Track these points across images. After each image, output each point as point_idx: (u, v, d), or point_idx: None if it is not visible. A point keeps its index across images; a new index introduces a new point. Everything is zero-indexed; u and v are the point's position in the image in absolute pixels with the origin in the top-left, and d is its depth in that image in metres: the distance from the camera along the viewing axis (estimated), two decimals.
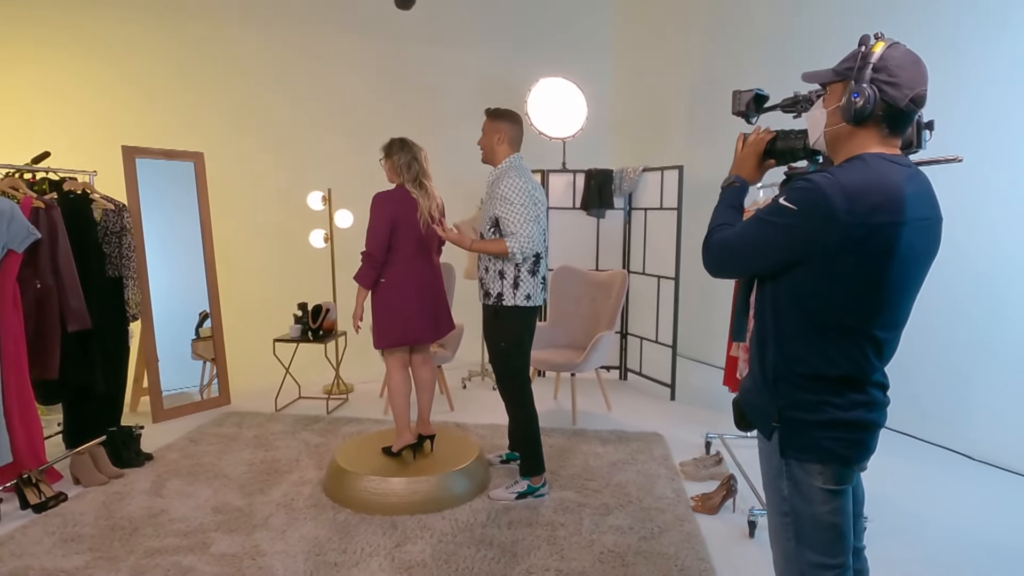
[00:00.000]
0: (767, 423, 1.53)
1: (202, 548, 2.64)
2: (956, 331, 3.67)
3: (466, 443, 3.45)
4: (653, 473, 3.42)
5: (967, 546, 2.74)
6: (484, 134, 3.10)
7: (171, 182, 4.47)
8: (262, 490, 3.19)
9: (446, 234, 2.94)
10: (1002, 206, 3.50)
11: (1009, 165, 3.44)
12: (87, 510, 2.96)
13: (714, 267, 1.59)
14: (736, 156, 1.75)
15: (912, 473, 3.45)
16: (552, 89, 5.22)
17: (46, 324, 3.26)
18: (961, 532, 2.86)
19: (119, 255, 3.74)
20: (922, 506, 3.08)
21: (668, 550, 2.66)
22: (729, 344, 3.56)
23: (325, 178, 5.15)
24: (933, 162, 1.64)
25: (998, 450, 3.55)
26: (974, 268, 3.58)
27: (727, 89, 6.31)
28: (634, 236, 5.19)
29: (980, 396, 3.63)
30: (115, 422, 3.72)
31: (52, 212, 3.26)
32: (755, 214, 1.50)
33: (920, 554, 2.66)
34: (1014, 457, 3.48)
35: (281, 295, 5.47)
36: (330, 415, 4.37)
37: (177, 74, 5.48)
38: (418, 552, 2.63)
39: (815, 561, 1.50)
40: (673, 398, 4.78)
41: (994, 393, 3.57)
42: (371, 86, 5.93)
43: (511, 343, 3.06)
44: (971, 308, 3.61)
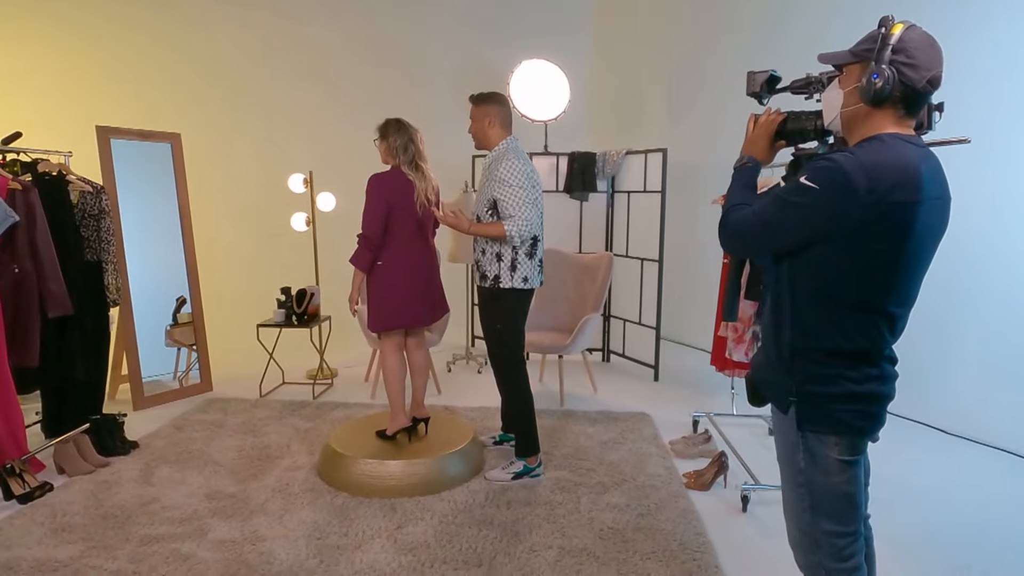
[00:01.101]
0: (783, 398, 1.57)
1: (199, 535, 2.61)
2: (937, 309, 3.79)
3: (459, 426, 3.46)
4: (644, 452, 3.48)
5: (947, 516, 2.86)
6: (473, 121, 3.08)
7: (147, 164, 4.34)
8: (255, 476, 3.16)
9: (444, 217, 2.92)
10: (979, 184, 3.61)
11: (1005, 147, 3.53)
12: (75, 500, 2.90)
13: (732, 246, 1.61)
14: (747, 136, 1.77)
15: (895, 448, 3.57)
16: (534, 71, 5.20)
17: (25, 310, 3.16)
18: (943, 504, 2.98)
19: (97, 239, 3.63)
20: (912, 479, 3.20)
21: (666, 526, 2.71)
22: (717, 324, 3.62)
23: (306, 160, 5.06)
24: (942, 143, 1.68)
25: (974, 425, 3.70)
26: (955, 248, 3.69)
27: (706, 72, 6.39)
28: (617, 219, 5.22)
29: (956, 373, 3.77)
30: (97, 410, 3.64)
31: (29, 194, 3.15)
32: (774, 193, 1.53)
33: (907, 522, 2.76)
34: (988, 432, 3.63)
35: (261, 279, 5.39)
36: (316, 400, 4.34)
37: (153, 53, 5.32)
38: (420, 533, 2.64)
39: (829, 529, 1.55)
40: (657, 379, 4.86)
41: (970, 370, 3.71)
42: (351, 68, 5.83)
43: (507, 325, 3.06)
44: (954, 287, 3.74)
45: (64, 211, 3.45)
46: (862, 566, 1.57)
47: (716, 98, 5.47)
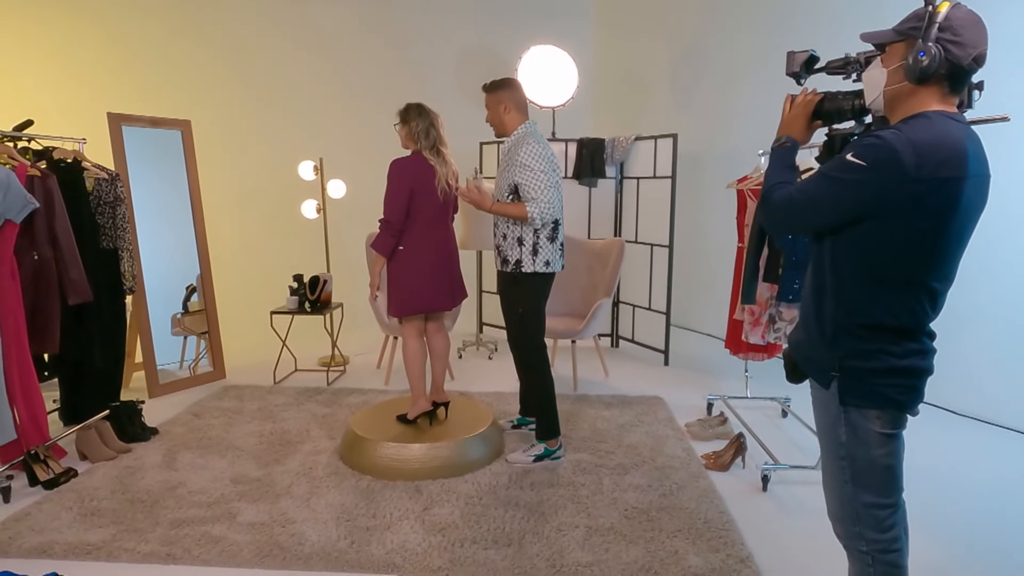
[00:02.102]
0: (825, 373, 1.59)
1: (229, 518, 2.63)
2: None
3: (478, 410, 3.49)
4: (661, 434, 3.51)
5: (955, 491, 2.91)
6: (489, 109, 3.09)
7: (157, 151, 4.32)
8: (277, 460, 3.18)
9: (468, 193, 2.93)
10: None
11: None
12: (101, 485, 2.91)
13: (776, 224, 1.63)
14: (784, 117, 1.79)
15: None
16: (542, 57, 5.19)
17: (45, 297, 3.16)
18: (952, 480, 3.03)
19: (113, 226, 3.62)
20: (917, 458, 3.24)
21: (689, 505, 2.75)
22: (732, 308, 3.65)
23: (316, 147, 5.05)
24: (982, 121, 1.70)
25: (984, 406, 3.75)
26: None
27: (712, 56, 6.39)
28: (626, 205, 5.24)
29: (966, 354, 3.81)
30: (114, 397, 3.65)
31: (48, 181, 3.13)
32: (819, 170, 1.55)
33: (917, 500, 2.81)
34: (997, 413, 3.68)
35: (269, 267, 5.40)
36: (331, 387, 4.35)
37: (164, 40, 5.30)
38: (447, 514, 2.66)
39: (870, 501, 1.58)
40: (667, 364, 4.89)
41: (980, 351, 3.75)
42: (358, 54, 5.81)
43: (528, 309, 3.08)
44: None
45: (80, 198, 3.44)
46: (901, 537, 1.61)
47: (722, 83, 5.48)
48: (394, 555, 2.37)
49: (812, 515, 2.69)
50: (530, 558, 2.36)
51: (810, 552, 2.43)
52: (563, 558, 2.36)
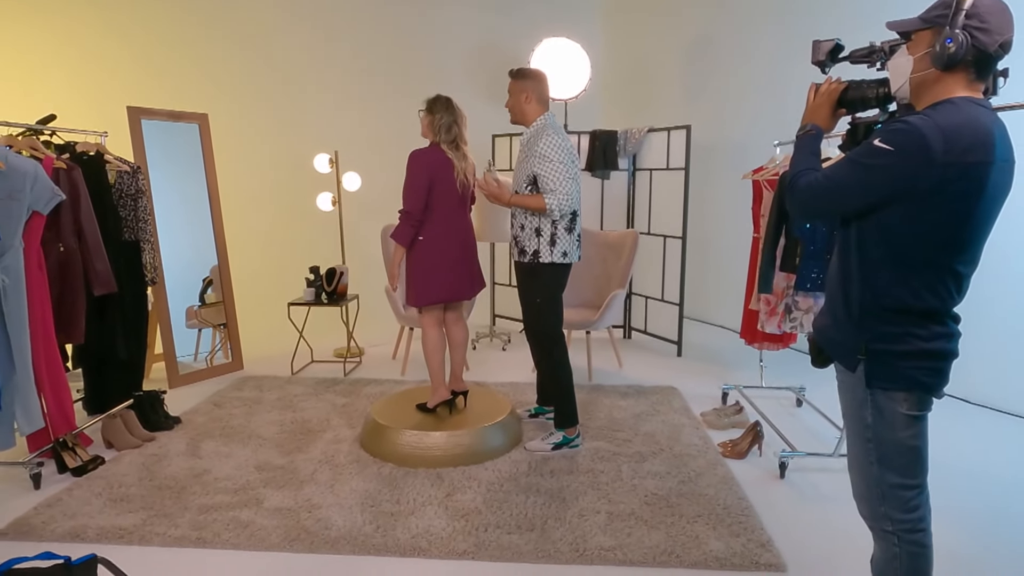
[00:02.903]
0: (851, 357, 1.62)
1: (255, 503, 2.68)
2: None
3: (496, 399, 3.52)
4: (677, 423, 3.55)
5: (976, 482, 2.94)
6: (511, 95, 3.12)
7: (175, 144, 4.36)
8: (299, 448, 3.22)
9: (487, 186, 2.96)
10: None
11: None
12: (128, 472, 2.96)
13: (802, 210, 1.66)
14: (808, 105, 1.81)
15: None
16: (555, 49, 5.20)
17: (71, 288, 3.20)
18: (973, 471, 3.05)
19: (135, 218, 3.67)
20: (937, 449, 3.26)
21: (708, 491, 2.78)
22: (748, 298, 3.67)
23: (332, 140, 5.09)
24: (1008, 108, 1.72)
25: (1005, 397, 3.76)
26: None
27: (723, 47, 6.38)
28: (638, 197, 5.26)
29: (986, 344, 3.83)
30: (137, 387, 3.70)
31: (73, 173, 3.18)
32: (846, 156, 1.57)
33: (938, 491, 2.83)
34: (1019, 403, 3.70)
35: (285, 259, 5.45)
36: (348, 377, 4.40)
37: (180, 34, 5.34)
38: (469, 500, 2.71)
39: (896, 482, 1.61)
40: (680, 354, 4.92)
41: (1001, 341, 3.77)
42: (374, 48, 5.83)
43: (546, 299, 3.12)
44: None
45: (103, 191, 3.48)
46: (927, 517, 1.64)
47: (734, 73, 5.48)
48: (419, 539, 2.42)
49: (831, 501, 2.72)
50: (553, 542, 2.40)
51: (830, 537, 2.46)
52: (586, 542, 2.39)
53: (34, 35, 5.10)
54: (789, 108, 4.79)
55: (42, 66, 5.13)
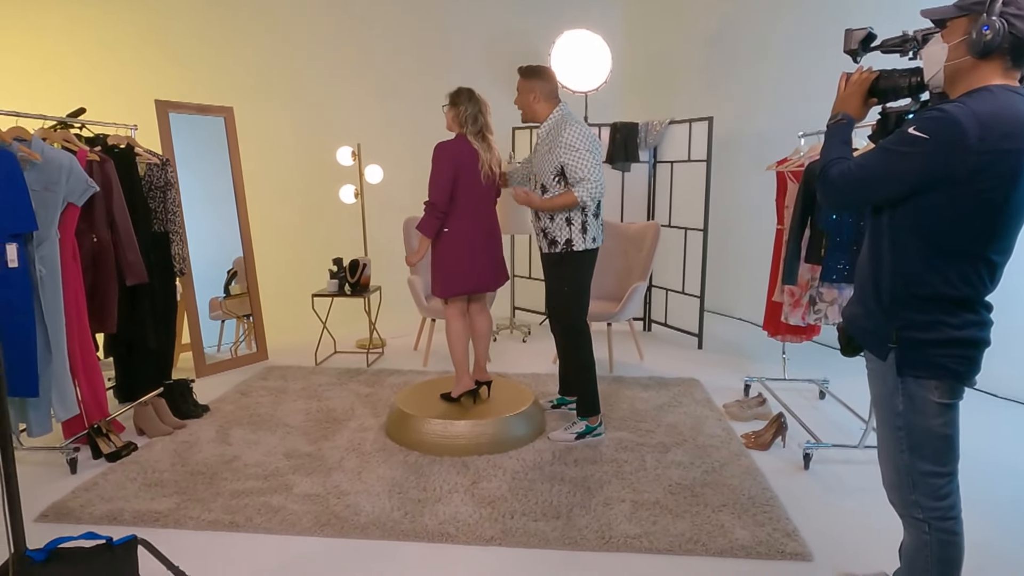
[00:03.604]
0: (882, 345, 1.63)
1: (285, 489, 2.73)
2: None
3: (519, 390, 3.55)
4: (700, 415, 3.55)
5: (1004, 475, 2.92)
6: (519, 93, 3.14)
7: (201, 137, 4.42)
8: (326, 436, 3.28)
9: (517, 196, 2.99)
10: None
11: None
12: (161, 458, 3.03)
13: (835, 199, 1.66)
14: (839, 95, 1.81)
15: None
16: (575, 41, 5.20)
17: (104, 278, 3.27)
18: (1000, 464, 3.03)
19: (164, 210, 3.73)
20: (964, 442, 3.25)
21: (732, 482, 2.80)
22: (771, 290, 3.67)
23: (354, 133, 5.13)
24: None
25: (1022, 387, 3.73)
26: None
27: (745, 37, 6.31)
28: (659, 189, 5.25)
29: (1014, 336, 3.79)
30: (166, 376, 3.77)
31: (106, 165, 3.25)
32: (879, 145, 1.57)
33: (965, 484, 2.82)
34: None
35: (307, 251, 5.51)
36: (371, 368, 4.45)
37: (204, 28, 5.41)
38: (495, 488, 2.74)
39: (927, 470, 1.62)
40: (700, 347, 4.92)
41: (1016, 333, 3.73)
42: (395, 41, 5.85)
43: (574, 288, 3.14)
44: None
45: (133, 183, 3.55)
46: (958, 505, 1.64)
47: (757, 64, 5.44)
48: (447, 525, 2.45)
49: (856, 493, 2.72)
50: (579, 530, 2.42)
51: (856, 527, 2.47)
52: (612, 530, 2.42)
53: (62, 30, 5.18)
54: (813, 98, 4.76)
55: (70, 61, 5.22)
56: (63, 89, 5.06)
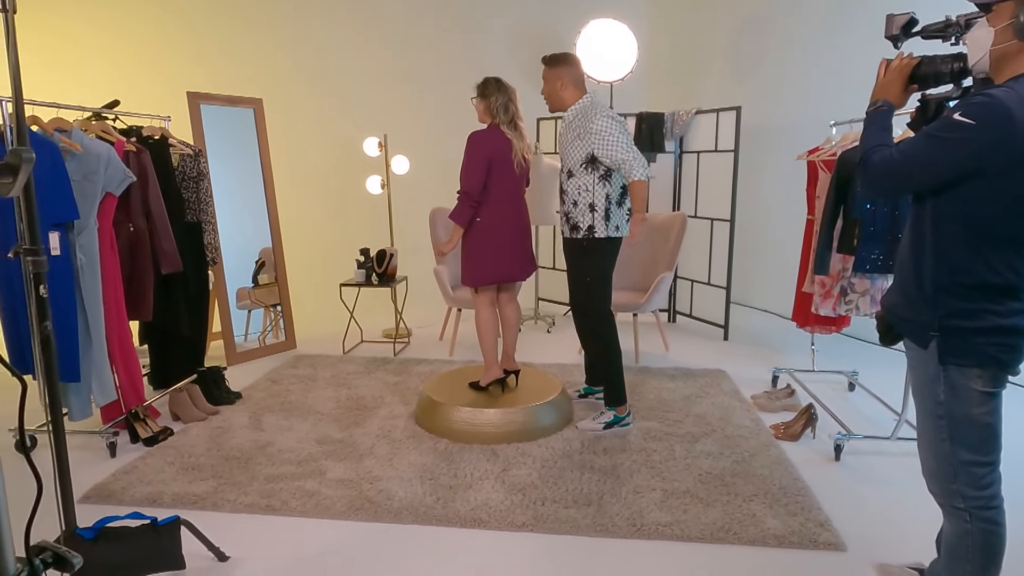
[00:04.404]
0: (924, 333, 1.62)
1: (319, 474, 2.78)
2: None
3: (547, 379, 3.57)
4: (728, 405, 3.55)
5: None
6: (546, 82, 3.14)
7: (230, 129, 4.48)
8: (357, 423, 3.32)
9: (629, 240, 3.04)
10: None
11: None
12: (196, 443, 3.10)
13: (876, 186, 1.65)
14: (879, 81, 1.79)
15: None
16: (601, 31, 5.17)
17: (140, 267, 3.34)
18: None
19: (197, 200, 3.79)
20: None
21: (762, 472, 2.79)
22: (800, 281, 3.64)
23: (381, 124, 5.16)
24: None
25: None
26: None
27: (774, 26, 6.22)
28: (685, 179, 5.22)
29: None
30: (199, 363, 3.84)
31: (142, 156, 3.30)
32: (923, 131, 1.56)
33: None
34: None
35: (332, 241, 5.56)
36: (397, 357, 4.49)
37: (234, 22, 5.46)
38: (525, 475, 2.76)
39: (968, 459, 1.61)
40: (726, 338, 4.89)
41: None
42: (420, 31, 5.87)
43: (596, 276, 3.14)
44: None
45: (167, 173, 3.60)
46: (1000, 494, 1.63)
47: (785, 52, 5.37)
48: (479, 511, 2.48)
49: (889, 484, 2.70)
50: (610, 517, 2.44)
51: (890, 518, 2.45)
52: (643, 518, 2.43)
53: (97, 25, 5.27)
54: (844, 87, 4.71)
55: (102, 54, 5.31)
56: (95, 83, 5.15)
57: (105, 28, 5.32)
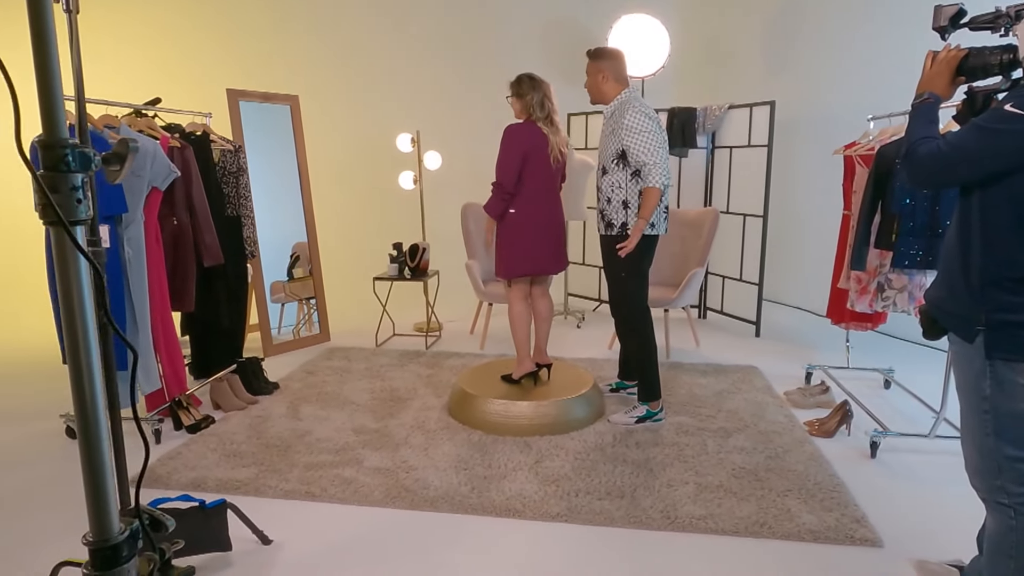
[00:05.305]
0: (970, 328, 1.60)
1: (356, 463, 2.84)
2: None
3: (579, 373, 3.59)
4: (760, 401, 3.53)
5: None
6: (588, 75, 3.15)
7: (265, 125, 4.56)
8: (391, 414, 3.38)
9: (624, 249, 3.01)
10: None
11: None
12: (237, 431, 3.18)
13: (923, 179, 1.64)
14: (925, 73, 1.78)
15: None
16: (633, 26, 5.16)
17: (183, 260, 3.43)
18: None
19: (236, 195, 3.88)
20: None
21: (796, 467, 2.78)
22: (836, 276, 3.60)
23: (413, 120, 5.22)
24: None
25: None
26: None
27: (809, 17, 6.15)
28: (717, 174, 5.19)
29: None
30: (238, 354, 3.93)
31: (186, 152, 3.39)
32: (972, 123, 1.55)
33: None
34: None
35: (364, 236, 5.64)
36: (429, 350, 4.55)
37: (266, 16, 5.55)
38: (558, 467, 2.79)
39: (1013, 455, 1.59)
40: (758, 335, 4.86)
41: None
42: (451, 28, 5.91)
43: (631, 272, 3.15)
44: None
45: (208, 169, 3.70)
46: None
47: (820, 46, 5.30)
48: (514, 501, 2.52)
49: (927, 482, 2.68)
50: (644, 509, 2.45)
51: (927, 516, 2.43)
52: (676, 511, 2.44)
53: (137, 20, 5.40)
54: (880, 80, 4.65)
55: (142, 53, 5.45)
56: (138, 78, 5.29)
57: (148, 24, 5.45)
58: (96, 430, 0.95)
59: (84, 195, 0.90)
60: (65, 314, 0.91)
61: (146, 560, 1.09)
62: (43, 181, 0.85)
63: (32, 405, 3.58)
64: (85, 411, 0.94)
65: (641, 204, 3.01)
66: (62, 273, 0.90)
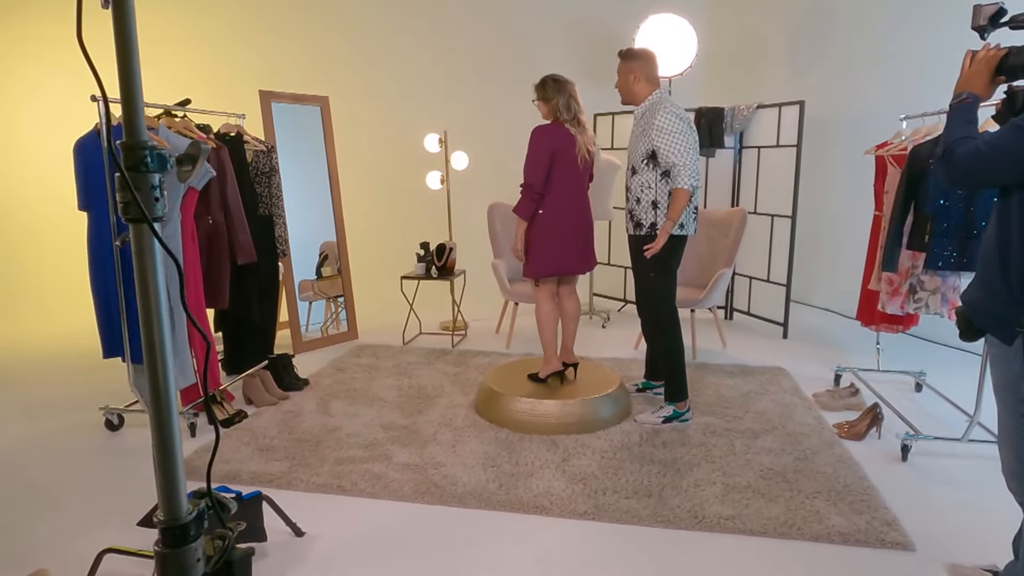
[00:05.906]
0: (1009, 329, 1.59)
1: (385, 459, 2.88)
2: None
3: (605, 373, 3.60)
4: (788, 403, 3.51)
5: None
6: (619, 75, 3.16)
7: (297, 125, 4.64)
8: (420, 411, 3.42)
9: (652, 249, 3.02)
10: None
11: None
12: (269, 426, 3.24)
13: (961, 179, 1.63)
14: (963, 73, 1.76)
15: None
16: (660, 25, 5.15)
17: (217, 258, 3.51)
18: None
19: (269, 194, 3.95)
20: None
21: (826, 470, 2.76)
22: (866, 277, 3.57)
23: (441, 120, 5.27)
24: None
25: None
26: None
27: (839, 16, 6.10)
28: (745, 174, 5.16)
29: None
30: (269, 351, 4.01)
31: (221, 152, 3.47)
32: (1012, 122, 1.53)
33: None
34: None
35: (392, 236, 5.70)
36: (455, 348, 4.58)
37: (296, 17, 5.64)
38: (585, 466, 2.81)
39: None
40: (786, 336, 4.82)
41: None
42: (478, 28, 5.94)
43: (659, 272, 3.15)
44: None
45: (242, 169, 3.78)
46: None
47: (850, 45, 5.24)
48: (541, 499, 2.54)
49: (959, 486, 2.64)
50: (671, 509, 2.46)
51: (960, 520, 2.40)
52: (704, 510, 2.44)
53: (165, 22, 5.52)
54: (912, 79, 4.58)
55: (172, 54, 5.56)
56: (170, 78, 5.41)
57: (178, 25, 5.56)
58: (168, 416, 1.00)
59: (161, 194, 0.95)
60: (142, 306, 0.96)
61: (211, 540, 1.15)
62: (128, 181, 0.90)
63: (70, 398, 3.68)
64: (159, 398, 1.00)
65: (670, 205, 3.01)
66: (140, 267, 0.95)
